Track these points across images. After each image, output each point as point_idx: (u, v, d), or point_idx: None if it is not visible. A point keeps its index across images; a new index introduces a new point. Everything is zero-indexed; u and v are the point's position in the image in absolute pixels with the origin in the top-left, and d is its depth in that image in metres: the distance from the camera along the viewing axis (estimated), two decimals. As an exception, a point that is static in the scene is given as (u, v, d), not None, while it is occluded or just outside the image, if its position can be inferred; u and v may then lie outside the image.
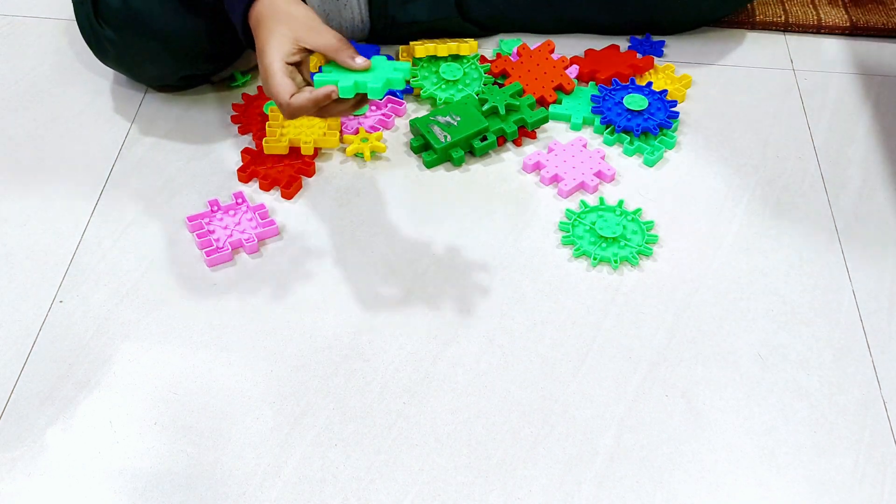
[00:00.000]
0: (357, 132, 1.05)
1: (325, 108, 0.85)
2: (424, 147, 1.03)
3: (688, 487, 0.77)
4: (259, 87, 1.09)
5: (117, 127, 1.07)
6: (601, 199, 0.99)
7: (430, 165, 1.02)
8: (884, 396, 0.84)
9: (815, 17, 1.23)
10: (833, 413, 0.83)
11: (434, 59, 1.12)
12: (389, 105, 1.07)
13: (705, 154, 1.06)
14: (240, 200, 0.97)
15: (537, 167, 1.02)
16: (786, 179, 1.04)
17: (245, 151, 1.02)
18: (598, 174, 1.01)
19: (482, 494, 0.77)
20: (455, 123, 1.01)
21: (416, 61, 1.11)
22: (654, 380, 0.85)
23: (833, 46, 1.21)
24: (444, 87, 1.09)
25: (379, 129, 1.06)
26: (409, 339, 0.87)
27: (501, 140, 1.04)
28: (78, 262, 0.93)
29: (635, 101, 1.06)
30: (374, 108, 1.07)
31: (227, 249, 0.93)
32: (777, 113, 1.11)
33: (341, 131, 1.04)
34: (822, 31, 1.23)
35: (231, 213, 0.96)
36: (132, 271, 0.92)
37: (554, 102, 1.08)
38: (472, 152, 1.03)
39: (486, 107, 1.03)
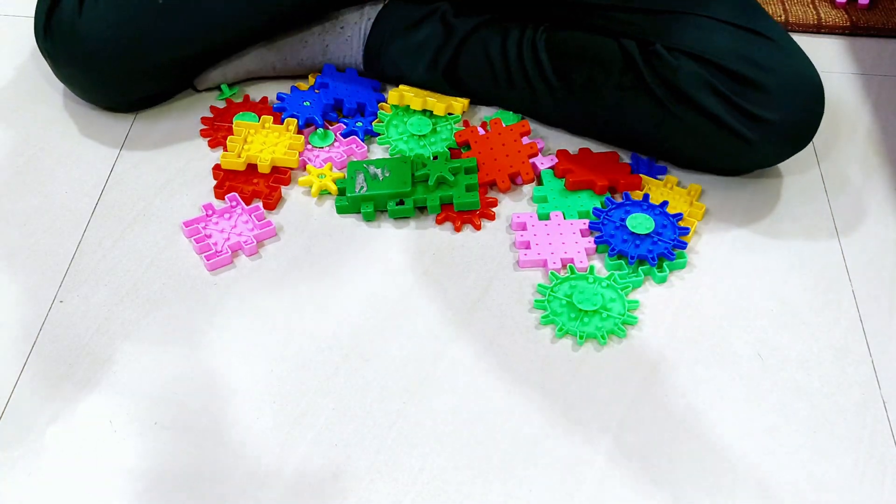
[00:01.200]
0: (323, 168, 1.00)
1: None
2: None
3: (688, 487, 0.77)
4: (227, 100, 1.05)
5: (118, 127, 1.07)
6: (570, 267, 0.92)
7: (339, 211, 0.97)
8: (884, 396, 0.84)
9: (815, 17, 1.23)
10: (833, 413, 0.83)
11: (408, 108, 1.06)
12: (351, 146, 1.03)
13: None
14: (234, 203, 0.97)
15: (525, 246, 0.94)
16: (785, 179, 1.04)
17: (217, 168, 1.00)
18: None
19: (482, 494, 0.77)
20: (381, 178, 0.96)
21: (391, 108, 1.06)
22: (654, 380, 0.85)
23: (833, 46, 1.21)
24: (406, 139, 1.03)
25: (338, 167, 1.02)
26: (409, 339, 0.87)
27: (458, 225, 0.96)
28: (78, 262, 0.93)
29: (640, 224, 0.94)
30: (337, 143, 1.03)
31: (227, 253, 0.92)
32: (777, 113, 1.11)
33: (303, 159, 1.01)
34: (822, 30, 1.23)
35: (227, 216, 0.96)
36: (132, 271, 0.92)
37: (530, 182, 1.00)
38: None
39: (418, 172, 0.96)
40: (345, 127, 1.05)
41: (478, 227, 0.96)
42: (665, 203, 0.97)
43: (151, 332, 0.87)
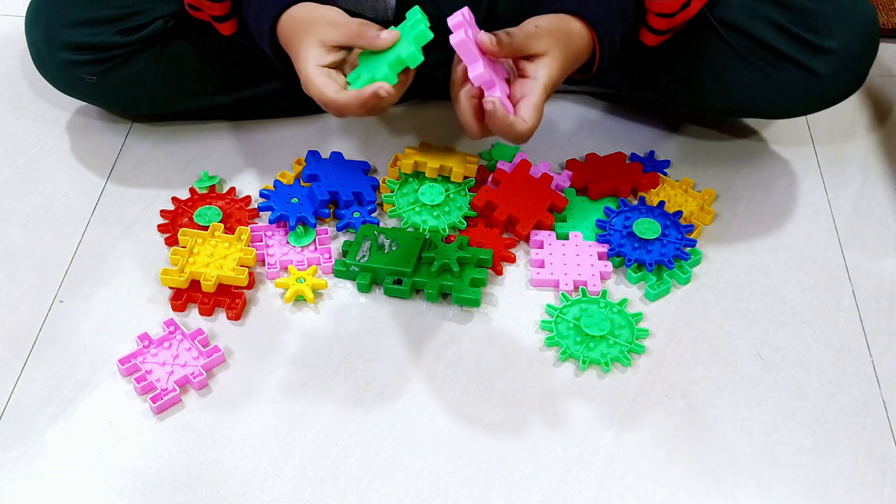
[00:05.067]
0: (286, 270, 0.91)
1: (374, 107, 0.79)
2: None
3: (688, 487, 0.77)
4: (191, 189, 0.99)
5: (118, 126, 1.07)
6: (582, 290, 0.90)
7: (336, 275, 0.91)
8: (884, 396, 0.84)
9: (816, 17, 1.22)
10: (833, 413, 0.83)
11: (420, 174, 0.99)
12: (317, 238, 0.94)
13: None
14: (172, 329, 0.86)
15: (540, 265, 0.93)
16: (786, 179, 1.04)
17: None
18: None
19: (482, 494, 0.76)
20: (387, 250, 0.90)
21: (400, 174, 0.99)
22: (654, 380, 0.84)
23: (833, 46, 1.21)
24: (418, 209, 0.97)
25: (312, 264, 0.92)
26: (409, 339, 0.87)
27: None
28: (78, 262, 0.93)
29: (647, 229, 0.93)
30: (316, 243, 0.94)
31: (175, 390, 0.81)
32: (777, 113, 1.11)
33: (252, 272, 0.91)
34: (823, 30, 1.22)
35: (166, 345, 0.85)
36: (132, 271, 0.92)
37: (553, 223, 0.95)
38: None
39: (425, 253, 0.90)
40: (339, 220, 0.96)
41: (499, 273, 0.92)
42: (662, 203, 0.97)
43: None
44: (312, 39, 0.81)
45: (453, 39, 0.76)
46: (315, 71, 0.80)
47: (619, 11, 0.85)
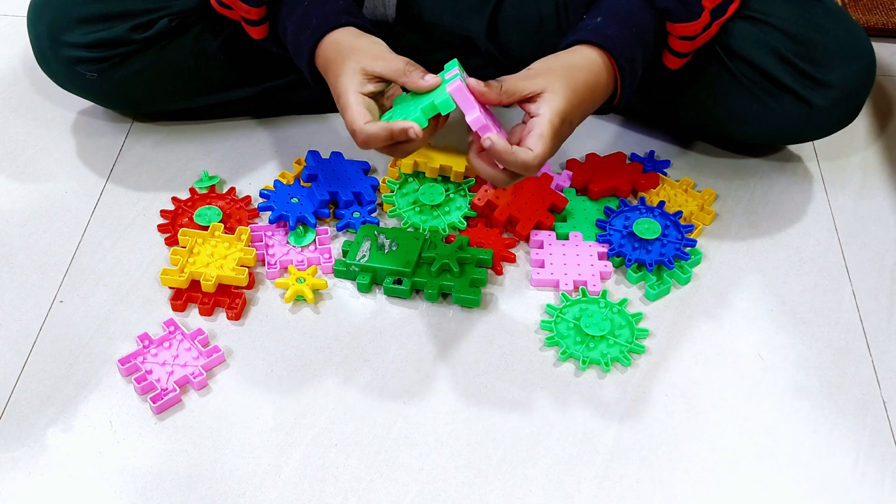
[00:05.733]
0: (286, 270, 0.92)
1: (399, 146, 0.80)
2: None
3: (688, 487, 0.77)
4: (191, 189, 0.99)
5: (118, 126, 1.07)
6: (582, 290, 0.90)
7: (336, 275, 0.92)
8: (884, 396, 0.84)
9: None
10: (833, 413, 0.83)
11: (420, 174, 0.99)
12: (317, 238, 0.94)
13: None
14: (172, 329, 0.86)
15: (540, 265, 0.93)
16: (786, 179, 1.04)
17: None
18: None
19: (482, 494, 0.76)
20: (387, 250, 0.90)
21: (400, 174, 0.99)
22: (654, 380, 0.85)
23: (833, 46, 1.21)
24: (418, 210, 0.97)
25: (312, 264, 0.92)
26: (409, 339, 0.87)
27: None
28: (78, 262, 0.93)
29: (647, 229, 0.93)
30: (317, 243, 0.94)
31: (175, 390, 0.81)
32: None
33: (253, 272, 0.91)
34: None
35: (166, 345, 0.85)
36: (132, 271, 0.92)
37: (552, 223, 0.96)
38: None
39: (425, 253, 0.90)
40: (339, 220, 0.96)
41: (499, 273, 0.93)
42: (662, 203, 0.97)
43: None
44: (356, 67, 0.82)
45: (450, 87, 0.77)
46: (355, 98, 0.80)
47: (638, 38, 0.86)
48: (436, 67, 0.82)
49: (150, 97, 1.02)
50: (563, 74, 0.82)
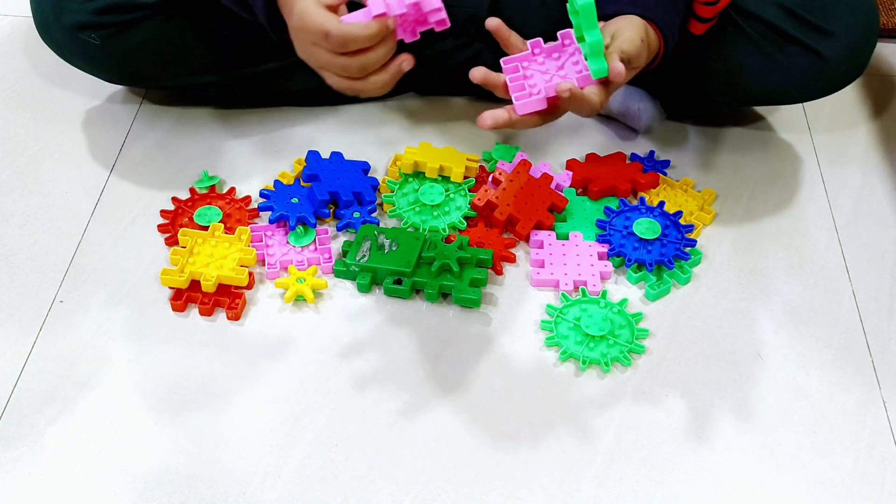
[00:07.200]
0: (286, 270, 0.91)
1: (375, 50, 0.75)
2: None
3: (688, 487, 0.77)
4: (191, 189, 0.98)
5: (118, 126, 1.07)
6: (582, 290, 0.90)
7: (336, 275, 0.91)
8: (884, 396, 0.84)
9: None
10: (833, 413, 0.83)
11: (420, 174, 0.99)
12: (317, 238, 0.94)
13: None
14: (568, 41, 0.81)
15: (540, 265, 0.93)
16: (786, 179, 1.04)
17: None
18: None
19: (482, 494, 0.76)
20: (387, 250, 0.90)
21: (400, 174, 0.99)
22: (654, 380, 0.85)
23: (833, 46, 1.21)
24: (418, 210, 0.96)
25: (312, 264, 0.92)
26: (409, 339, 0.87)
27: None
28: (78, 262, 0.93)
29: (647, 229, 0.93)
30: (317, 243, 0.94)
31: (541, 95, 0.77)
32: (777, 112, 1.11)
33: (252, 272, 0.91)
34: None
35: (555, 55, 0.80)
36: (132, 271, 0.92)
37: (553, 223, 0.95)
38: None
39: (425, 253, 0.90)
40: (339, 220, 0.96)
41: (499, 273, 0.92)
42: (662, 203, 0.96)
43: (151, 332, 0.86)
44: None
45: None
46: (314, 4, 0.76)
47: (673, 5, 0.87)
48: (441, 58, 0.80)
49: (150, 70, 1.01)
50: (625, 25, 0.82)
